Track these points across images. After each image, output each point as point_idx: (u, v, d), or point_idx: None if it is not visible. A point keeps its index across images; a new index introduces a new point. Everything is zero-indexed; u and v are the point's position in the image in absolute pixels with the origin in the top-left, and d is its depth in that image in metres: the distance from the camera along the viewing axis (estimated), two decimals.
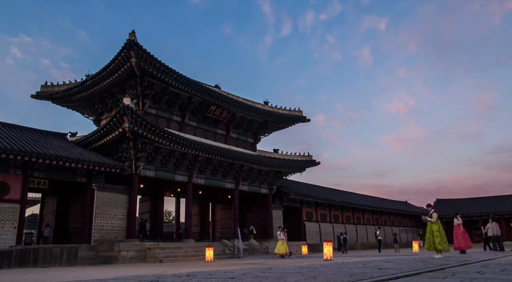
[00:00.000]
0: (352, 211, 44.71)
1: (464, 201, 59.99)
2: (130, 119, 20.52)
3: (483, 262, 9.73)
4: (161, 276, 7.63)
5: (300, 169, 33.53)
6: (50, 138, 22.79)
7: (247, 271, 8.67)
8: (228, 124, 30.98)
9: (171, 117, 27.09)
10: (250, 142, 33.47)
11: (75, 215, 22.40)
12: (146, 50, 22.06)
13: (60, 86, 27.33)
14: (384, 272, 6.70)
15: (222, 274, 7.64)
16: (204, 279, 6.61)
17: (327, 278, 5.80)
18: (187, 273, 8.51)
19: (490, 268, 7.37)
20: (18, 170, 18.98)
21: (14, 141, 19.32)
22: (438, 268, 7.53)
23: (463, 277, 5.48)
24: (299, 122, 35.20)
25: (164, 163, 24.70)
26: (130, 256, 20.08)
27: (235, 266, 13.27)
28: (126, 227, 22.19)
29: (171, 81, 24.47)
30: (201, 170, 27.02)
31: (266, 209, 32.00)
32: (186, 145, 23.74)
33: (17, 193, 18.74)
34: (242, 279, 6.24)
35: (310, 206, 38.43)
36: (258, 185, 31.63)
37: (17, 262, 16.25)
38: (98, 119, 28.18)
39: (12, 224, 18.11)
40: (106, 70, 23.22)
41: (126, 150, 22.34)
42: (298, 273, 7.30)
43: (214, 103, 28.11)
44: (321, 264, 11.55)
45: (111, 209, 21.85)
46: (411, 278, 5.56)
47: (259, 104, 32.27)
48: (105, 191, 21.84)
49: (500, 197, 57.34)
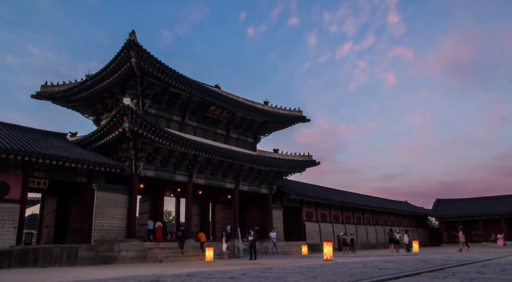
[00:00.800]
0: (352, 211, 44.70)
1: (464, 201, 59.91)
2: (130, 119, 20.52)
3: (483, 262, 9.73)
4: (161, 276, 7.63)
5: (300, 169, 33.51)
6: (50, 138, 22.79)
7: (247, 271, 8.67)
8: (228, 124, 30.97)
9: (171, 117, 27.09)
10: (250, 141, 33.46)
11: (75, 215, 22.39)
12: (146, 50, 22.06)
13: (60, 86, 27.32)
14: (384, 272, 6.70)
15: (222, 274, 7.64)
16: (204, 279, 6.61)
17: (327, 278, 5.80)
18: (187, 273, 8.51)
19: (490, 268, 7.37)
20: (18, 170, 18.97)
21: (14, 140, 19.32)
22: (438, 268, 7.52)
23: (463, 277, 5.47)
24: (299, 122, 35.18)
25: (164, 163, 24.69)
26: (130, 256, 20.07)
27: (235, 266, 13.27)
28: (126, 227, 22.18)
29: (171, 81, 24.46)
30: (201, 170, 27.01)
31: (266, 209, 31.99)
32: (186, 145, 23.73)
33: (17, 193, 18.74)
34: (242, 279, 6.24)
35: (310, 206, 38.42)
36: (258, 185, 31.62)
37: (17, 262, 16.25)
38: (98, 119, 28.17)
39: (12, 224, 18.11)
40: (106, 70, 23.21)
41: (126, 150, 22.33)
42: (298, 273, 7.30)
43: (214, 103, 28.10)
44: (321, 264, 11.55)
45: (111, 209, 21.85)
46: (411, 278, 5.56)
47: (259, 104, 32.26)
48: (105, 191, 21.83)
49: (500, 197, 57.26)
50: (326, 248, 16.95)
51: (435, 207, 60.10)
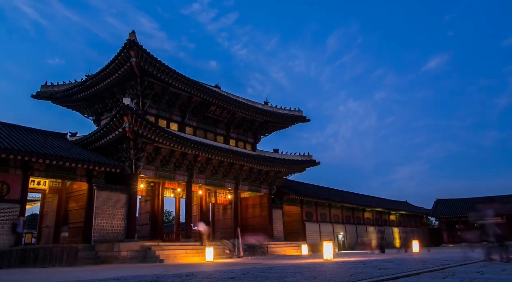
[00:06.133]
0: (352, 211, 44.68)
1: (464, 201, 59.89)
2: (130, 119, 20.51)
3: (483, 262, 9.73)
4: (161, 276, 7.63)
5: (300, 168, 33.51)
6: (50, 139, 22.77)
7: (247, 271, 8.67)
8: (228, 124, 30.96)
9: (171, 117, 27.08)
10: (250, 142, 33.46)
11: (75, 215, 22.38)
12: (146, 50, 22.06)
13: (60, 86, 27.32)
14: (384, 272, 6.70)
15: (222, 274, 7.64)
16: (204, 279, 6.61)
17: (327, 278, 5.80)
18: (187, 273, 8.51)
19: (490, 268, 7.37)
20: (18, 170, 18.95)
21: (14, 140, 19.31)
22: (438, 268, 7.52)
23: (463, 277, 5.47)
24: (299, 122, 35.19)
25: (164, 163, 24.68)
26: (130, 256, 20.06)
27: (235, 266, 13.26)
28: (126, 227, 22.17)
29: (171, 81, 24.46)
30: (201, 170, 27.00)
31: (266, 209, 31.98)
32: (186, 144, 23.72)
33: (17, 193, 18.71)
34: (242, 279, 6.24)
35: (310, 206, 38.39)
36: (258, 185, 31.61)
37: (17, 262, 16.23)
38: (98, 119, 28.16)
39: (12, 224, 18.08)
40: (106, 70, 23.22)
41: (126, 149, 22.32)
42: (298, 273, 7.30)
43: (214, 103, 28.10)
44: (321, 264, 11.55)
45: (111, 209, 21.83)
46: (411, 278, 5.56)
47: (259, 104, 32.27)
48: (105, 190, 21.81)
49: (500, 197, 57.24)
50: (326, 248, 16.94)
51: (435, 207, 60.07)
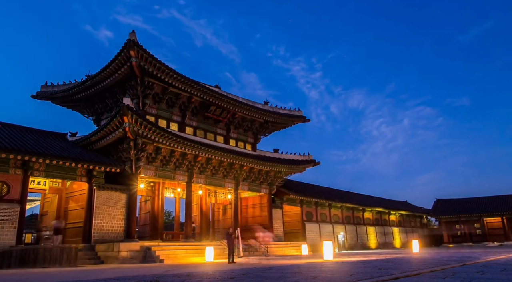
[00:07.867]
0: (352, 211, 44.68)
1: (464, 201, 59.90)
2: (130, 119, 20.51)
3: (483, 262, 9.73)
4: (161, 276, 7.63)
5: (300, 168, 33.51)
6: (50, 139, 22.77)
7: (247, 271, 8.67)
8: (228, 124, 30.96)
9: (171, 117, 27.08)
10: (250, 142, 33.46)
11: (75, 215, 22.37)
12: (146, 50, 22.04)
13: (60, 86, 27.31)
14: (384, 272, 6.70)
15: (222, 274, 7.64)
16: (204, 279, 6.61)
17: (327, 278, 5.80)
18: (187, 273, 8.51)
19: (490, 268, 7.37)
20: (18, 170, 18.95)
21: (14, 140, 19.31)
22: (438, 268, 7.52)
23: (463, 277, 5.47)
24: (299, 122, 35.18)
25: (164, 163, 24.68)
26: (130, 256, 20.06)
27: (235, 266, 13.27)
28: (126, 227, 22.16)
29: (171, 81, 24.45)
30: (201, 170, 27.00)
31: (266, 209, 31.98)
32: (186, 144, 23.72)
33: (17, 193, 18.71)
34: (242, 279, 6.24)
35: (310, 206, 38.40)
36: (258, 185, 31.61)
37: (17, 262, 16.21)
38: (98, 119, 28.15)
39: (12, 224, 18.07)
40: (106, 70, 23.20)
41: (126, 149, 22.31)
42: (298, 273, 7.30)
43: (214, 103, 28.09)
44: (321, 264, 11.55)
45: (111, 209, 21.83)
46: (411, 278, 5.56)
47: (259, 104, 32.27)
48: (105, 190, 21.81)
49: (500, 197, 57.28)
50: (326, 247, 16.95)
51: (435, 207, 60.06)
